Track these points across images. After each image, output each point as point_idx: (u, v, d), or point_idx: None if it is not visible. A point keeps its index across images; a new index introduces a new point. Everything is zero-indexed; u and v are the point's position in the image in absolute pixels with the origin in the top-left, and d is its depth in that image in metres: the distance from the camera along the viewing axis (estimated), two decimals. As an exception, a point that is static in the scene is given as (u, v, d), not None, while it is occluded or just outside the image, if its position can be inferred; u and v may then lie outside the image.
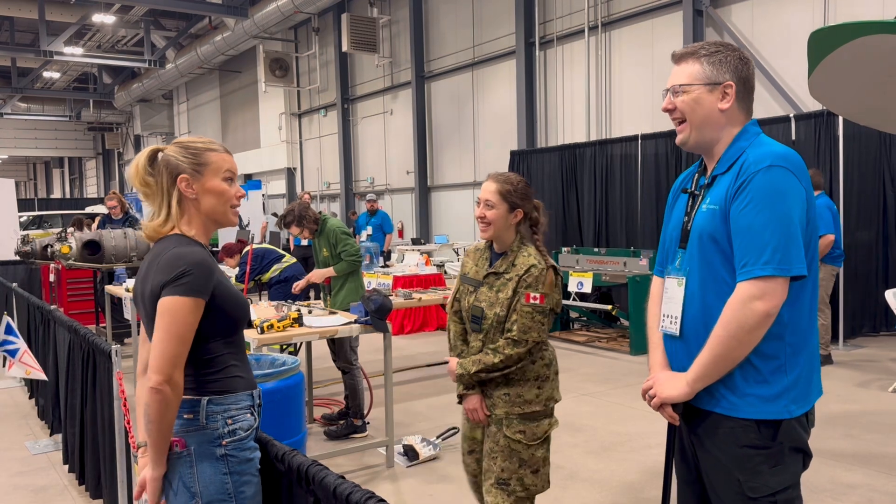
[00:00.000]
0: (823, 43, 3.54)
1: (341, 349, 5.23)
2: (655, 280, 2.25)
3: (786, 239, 1.81)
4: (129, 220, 8.91)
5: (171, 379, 1.82)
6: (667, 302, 2.10)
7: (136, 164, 2.01)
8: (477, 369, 2.79)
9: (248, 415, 1.99)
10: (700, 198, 2.03)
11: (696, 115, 1.98)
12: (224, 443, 1.92)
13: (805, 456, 1.96)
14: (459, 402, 2.96)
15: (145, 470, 1.93)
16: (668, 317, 2.08)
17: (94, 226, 11.23)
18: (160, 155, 2.02)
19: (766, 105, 10.12)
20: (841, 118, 7.47)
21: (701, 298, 1.98)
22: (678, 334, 2.04)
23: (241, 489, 1.92)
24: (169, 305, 1.84)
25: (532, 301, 2.71)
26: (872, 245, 8.20)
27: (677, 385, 1.97)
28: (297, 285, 5.80)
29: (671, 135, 9.42)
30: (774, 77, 10.28)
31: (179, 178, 1.98)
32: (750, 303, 1.81)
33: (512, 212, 2.79)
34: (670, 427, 2.13)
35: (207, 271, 1.90)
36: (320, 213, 5.57)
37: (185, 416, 1.91)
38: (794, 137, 8.04)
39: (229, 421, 1.93)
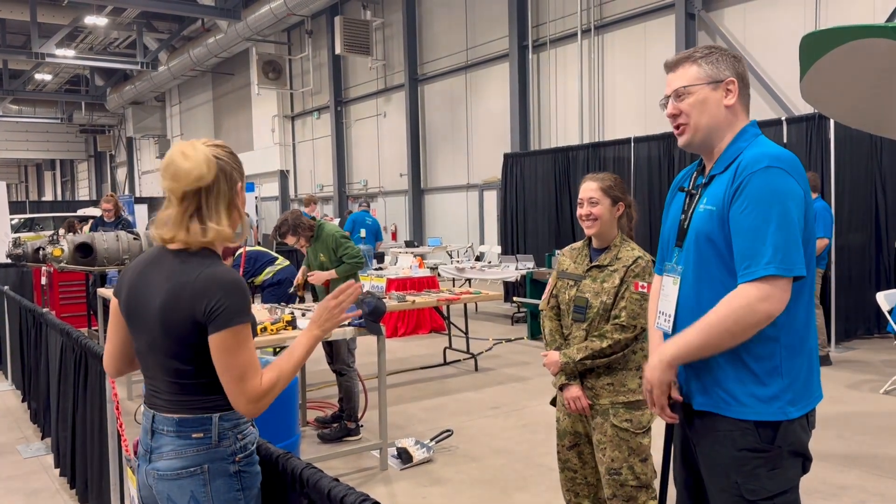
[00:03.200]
0: (815, 46, 3.56)
1: (338, 351, 5.22)
2: (655, 278, 2.25)
3: (786, 239, 1.80)
4: (121, 223, 8.88)
5: (251, 404, 1.80)
6: (662, 299, 2.10)
7: (205, 158, 1.82)
8: (583, 356, 2.82)
9: (251, 427, 1.96)
10: (697, 197, 2.03)
11: (703, 115, 1.98)
12: (237, 459, 1.87)
13: (805, 460, 1.95)
14: (560, 391, 2.95)
15: (311, 332, 1.96)
16: (662, 314, 2.09)
17: (86, 228, 11.18)
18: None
19: (758, 108, 10.16)
20: (832, 121, 7.50)
21: (696, 297, 1.98)
22: (671, 332, 2.04)
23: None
24: (221, 342, 1.76)
25: (640, 289, 2.78)
26: (865, 248, 8.24)
27: (657, 367, 1.98)
28: (298, 280, 5.78)
29: (663, 137, 9.47)
30: (766, 80, 10.33)
31: (238, 186, 1.91)
32: (755, 304, 1.80)
33: (615, 205, 2.90)
34: (668, 427, 2.14)
35: (245, 291, 1.83)
36: (313, 218, 5.53)
37: (195, 436, 1.84)
38: (785, 140, 8.08)
39: (240, 436, 1.89)
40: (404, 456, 4.60)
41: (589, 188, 2.91)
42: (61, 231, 11.11)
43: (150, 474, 1.88)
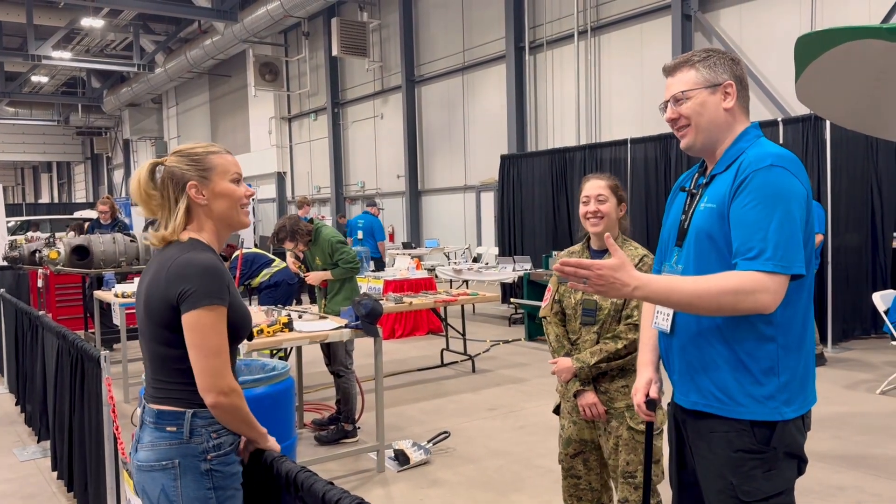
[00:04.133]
0: (810, 47, 3.57)
1: (336, 353, 5.22)
2: None
3: (787, 238, 1.80)
4: (118, 226, 8.87)
5: (221, 390, 1.84)
6: None
7: (137, 179, 1.97)
8: (598, 359, 2.79)
9: None
10: (698, 196, 2.04)
11: (703, 119, 1.99)
12: (209, 457, 1.88)
13: (800, 462, 1.95)
14: (574, 398, 2.89)
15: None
16: (661, 313, 2.08)
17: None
18: (161, 168, 1.98)
19: (754, 109, 10.13)
20: (828, 122, 7.52)
21: None
22: (669, 331, 2.04)
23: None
24: (193, 321, 1.83)
25: None
26: (861, 248, 8.26)
27: (628, 282, 1.80)
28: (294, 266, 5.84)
29: (660, 139, 9.47)
30: (763, 81, 10.35)
31: (188, 185, 1.94)
32: (757, 293, 1.77)
33: (619, 205, 2.87)
34: (648, 426, 2.14)
35: (220, 276, 1.88)
36: (311, 220, 5.53)
37: (168, 430, 1.87)
38: (781, 141, 8.08)
39: (214, 434, 1.89)
40: (401, 458, 4.60)
41: (597, 185, 2.87)
42: (65, 233, 11.09)
43: (134, 464, 1.93)
